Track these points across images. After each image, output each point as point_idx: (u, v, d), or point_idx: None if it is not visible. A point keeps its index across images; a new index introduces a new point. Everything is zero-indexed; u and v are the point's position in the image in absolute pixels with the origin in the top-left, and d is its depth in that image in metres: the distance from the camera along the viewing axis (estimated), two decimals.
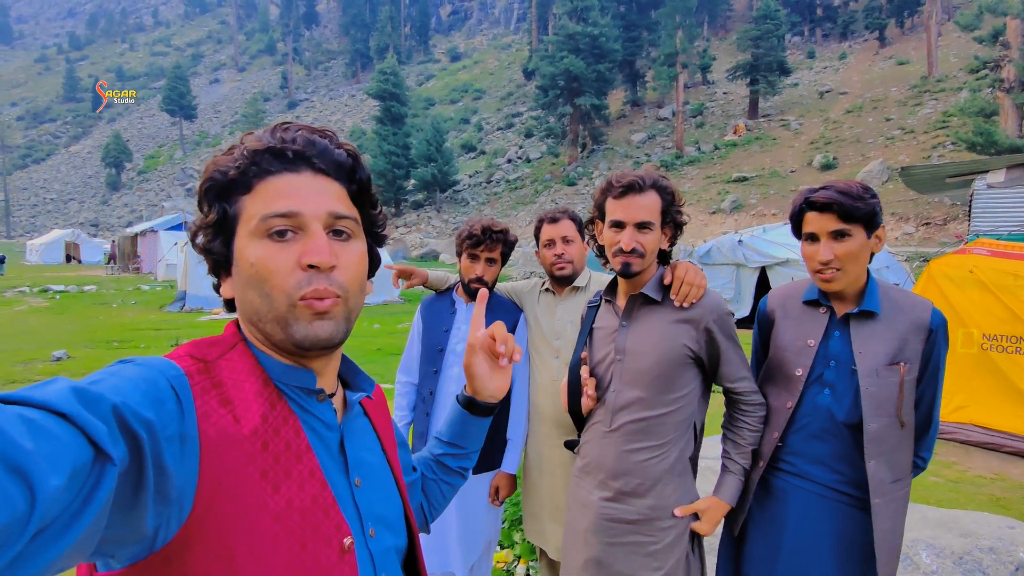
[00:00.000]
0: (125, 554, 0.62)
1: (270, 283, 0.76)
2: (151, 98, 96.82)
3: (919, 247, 21.07)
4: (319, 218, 0.78)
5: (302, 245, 0.77)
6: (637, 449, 1.79)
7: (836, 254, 1.67)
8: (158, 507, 0.61)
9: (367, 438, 0.91)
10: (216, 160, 0.80)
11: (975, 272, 5.42)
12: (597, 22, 43.27)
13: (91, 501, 0.50)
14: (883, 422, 1.66)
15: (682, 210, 1.86)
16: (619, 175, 1.81)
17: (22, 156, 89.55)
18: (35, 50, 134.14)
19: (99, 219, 66.40)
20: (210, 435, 0.67)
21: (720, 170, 37.04)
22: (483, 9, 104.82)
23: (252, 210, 0.77)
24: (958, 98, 33.65)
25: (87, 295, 18.79)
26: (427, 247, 34.54)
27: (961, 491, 4.47)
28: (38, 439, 0.46)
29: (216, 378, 0.73)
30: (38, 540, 0.46)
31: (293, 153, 0.79)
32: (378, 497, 0.87)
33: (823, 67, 50.04)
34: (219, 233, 0.80)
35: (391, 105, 49.05)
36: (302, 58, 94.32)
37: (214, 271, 0.84)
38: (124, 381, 0.61)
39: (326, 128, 0.85)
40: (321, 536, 0.74)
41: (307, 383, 0.80)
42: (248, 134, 0.83)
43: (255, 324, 0.79)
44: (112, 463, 0.52)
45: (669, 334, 1.78)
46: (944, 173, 12.54)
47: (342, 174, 0.84)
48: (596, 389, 1.89)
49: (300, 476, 0.75)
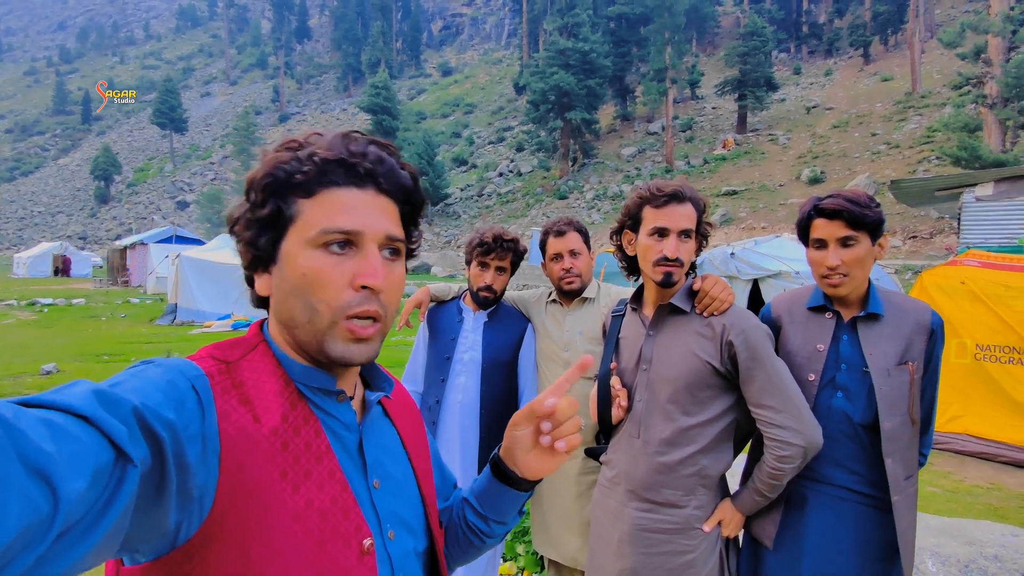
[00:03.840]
0: (149, 549, 0.63)
1: (318, 296, 0.75)
2: (141, 111, 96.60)
3: (907, 260, 21.32)
4: (376, 238, 0.78)
5: (356, 263, 0.76)
6: (667, 459, 1.77)
7: (843, 260, 1.72)
8: (180, 504, 0.61)
9: (387, 439, 0.90)
10: (278, 156, 0.79)
11: (967, 283, 5.48)
12: (587, 38, 43.85)
13: (113, 502, 0.51)
14: (897, 420, 1.69)
15: (709, 222, 1.88)
16: (657, 184, 1.81)
17: (10, 169, 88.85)
18: (24, 63, 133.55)
19: (88, 232, 65.83)
20: (230, 434, 0.68)
21: (710, 184, 37.38)
22: (474, 24, 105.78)
23: (312, 218, 0.76)
24: (942, 113, 34.27)
25: (76, 308, 18.56)
26: (419, 260, 34.47)
27: (959, 501, 4.49)
28: (60, 442, 0.47)
29: (237, 378, 0.73)
30: (62, 541, 0.47)
31: (364, 170, 0.78)
32: (398, 499, 0.86)
33: (809, 83, 50.84)
34: (268, 229, 0.78)
35: (382, 119, 49.33)
36: (294, 72, 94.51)
37: (251, 265, 0.82)
38: (145, 382, 0.62)
39: (391, 143, 0.85)
40: (340, 537, 0.74)
41: (327, 384, 0.80)
42: (315, 133, 0.82)
43: (288, 328, 0.79)
44: (133, 464, 0.53)
45: (693, 346, 1.77)
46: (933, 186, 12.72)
47: (401, 195, 0.84)
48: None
49: (320, 477, 0.75)
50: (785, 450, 1.65)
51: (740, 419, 1.82)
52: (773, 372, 1.70)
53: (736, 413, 1.81)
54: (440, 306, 2.67)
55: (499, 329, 2.53)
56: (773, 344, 1.78)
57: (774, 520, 1.80)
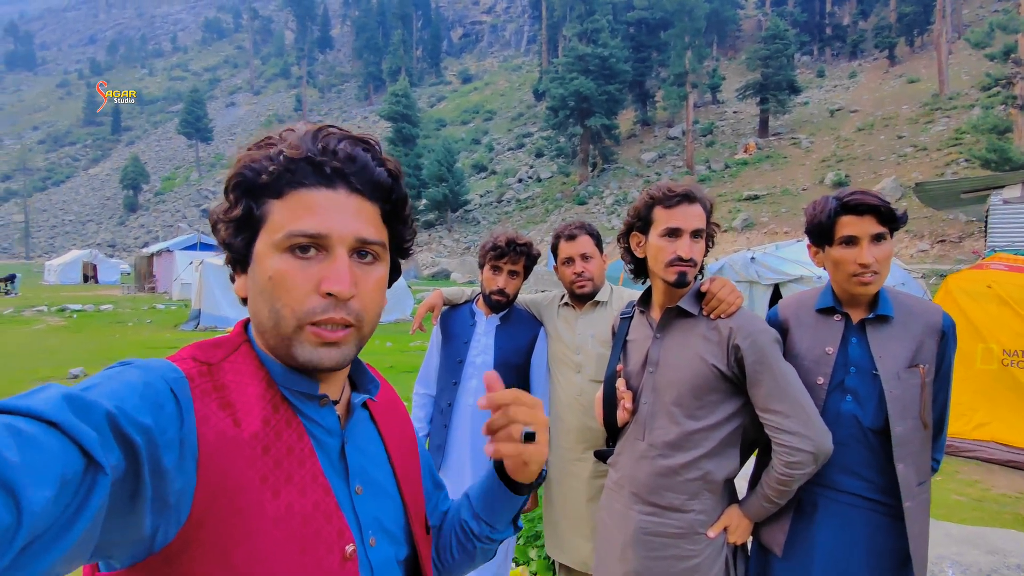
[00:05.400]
0: (124, 555, 0.61)
1: (283, 301, 0.72)
2: (168, 121, 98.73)
3: (934, 264, 20.88)
4: (345, 242, 0.74)
5: (323, 268, 0.73)
6: (670, 462, 1.76)
7: (876, 257, 1.68)
8: (157, 511, 0.60)
9: (371, 444, 0.88)
10: (250, 154, 0.76)
11: (993, 287, 5.36)
12: (607, 43, 43.84)
13: (83, 510, 0.49)
14: (908, 424, 1.66)
15: (716, 223, 1.87)
16: (667, 185, 1.80)
17: (43, 179, 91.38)
18: (57, 75, 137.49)
19: (116, 240, 67.43)
20: (209, 439, 0.66)
21: (731, 189, 37.05)
22: (494, 32, 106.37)
23: (279, 219, 0.73)
24: (970, 115, 33.57)
25: (104, 314, 18.98)
26: (439, 266, 34.70)
27: (985, 510, 4.38)
28: (25, 450, 0.46)
29: (218, 381, 0.71)
30: (29, 551, 0.46)
31: (331, 169, 0.74)
32: (379, 506, 0.84)
33: (833, 85, 50.18)
34: (241, 230, 0.76)
35: (403, 127, 49.78)
36: (316, 81, 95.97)
37: (231, 264, 0.80)
38: (121, 385, 0.60)
39: (370, 136, 0.81)
40: (323, 542, 0.73)
41: (308, 388, 0.77)
42: (288, 129, 0.78)
43: (260, 332, 0.77)
44: (104, 473, 0.51)
45: (700, 349, 1.75)
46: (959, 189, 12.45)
47: (379, 194, 0.79)
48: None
49: (302, 481, 0.73)
50: (794, 456, 1.62)
51: (747, 424, 1.80)
52: (781, 376, 1.67)
53: (742, 418, 1.79)
54: (453, 310, 2.68)
55: (511, 333, 2.54)
56: (781, 348, 1.76)
57: (783, 527, 1.77)
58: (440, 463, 2.52)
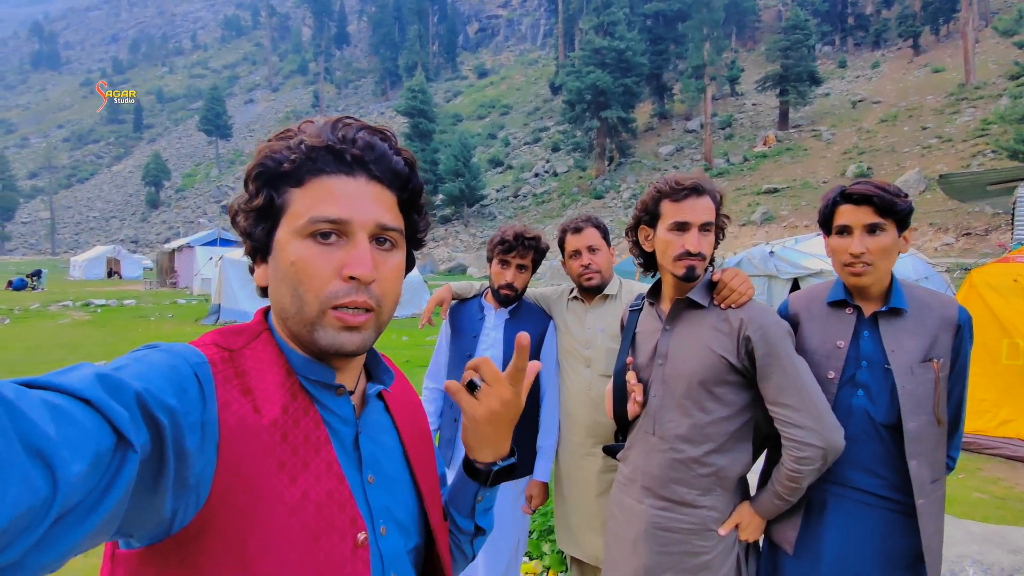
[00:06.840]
0: (144, 535, 0.62)
1: (306, 285, 0.74)
2: (189, 119, 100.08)
3: (959, 258, 20.43)
4: (366, 227, 0.76)
5: (345, 253, 0.75)
6: (681, 455, 1.74)
7: (868, 248, 1.65)
8: (177, 493, 0.61)
9: (385, 435, 0.89)
10: (271, 145, 0.78)
11: (1020, 281, 5.23)
12: (623, 36, 43.44)
13: (113, 487, 0.51)
14: (921, 420, 1.61)
15: (727, 215, 1.84)
16: (675, 178, 1.77)
17: (68, 176, 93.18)
18: (80, 74, 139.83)
19: (139, 236, 68.57)
20: (230, 424, 0.67)
21: (750, 182, 36.58)
22: (510, 26, 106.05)
23: (300, 207, 0.75)
24: (998, 105, 32.74)
25: (126, 309, 19.30)
26: (455, 261, 34.77)
27: (1008, 508, 4.28)
28: (61, 425, 0.47)
29: (239, 367, 0.73)
30: (60, 524, 0.47)
31: (351, 156, 0.77)
32: (391, 495, 0.85)
33: (855, 76, 49.26)
34: (262, 219, 0.78)
35: (419, 122, 49.85)
36: (333, 77, 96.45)
37: (251, 254, 0.82)
38: (148, 367, 0.61)
39: (386, 128, 0.83)
40: (336, 529, 0.74)
41: (326, 378, 0.79)
42: (307, 121, 0.80)
43: (281, 319, 0.78)
44: (134, 450, 0.52)
45: (710, 341, 1.73)
46: (984, 180, 12.13)
47: (396, 182, 0.82)
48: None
49: (317, 468, 0.74)
50: (803, 451, 1.59)
51: (759, 419, 1.77)
52: (792, 370, 1.64)
53: (753, 411, 1.76)
54: (462, 304, 2.68)
55: (520, 326, 2.52)
56: (793, 341, 1.72)
57: (794, 524, 1.74)
58: (451, 457, 2.52)
